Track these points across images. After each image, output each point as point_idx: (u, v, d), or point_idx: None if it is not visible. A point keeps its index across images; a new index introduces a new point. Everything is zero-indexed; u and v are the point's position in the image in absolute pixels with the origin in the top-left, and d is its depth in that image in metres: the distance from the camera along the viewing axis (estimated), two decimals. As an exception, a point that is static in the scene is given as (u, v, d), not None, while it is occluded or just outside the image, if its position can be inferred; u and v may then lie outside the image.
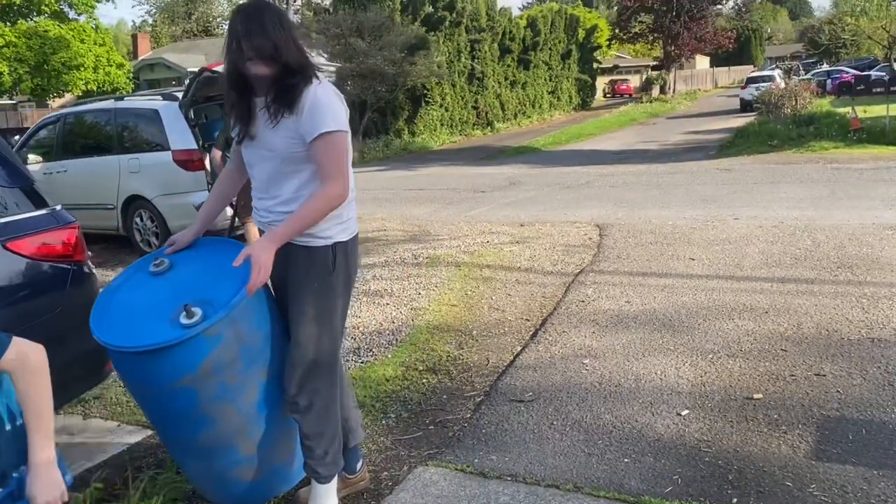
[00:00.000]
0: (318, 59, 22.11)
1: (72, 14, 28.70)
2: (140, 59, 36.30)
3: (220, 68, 6.95)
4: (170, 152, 7.20)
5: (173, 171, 7.20)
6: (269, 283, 2.70)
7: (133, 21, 48.55)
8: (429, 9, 23.87)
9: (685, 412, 3.38)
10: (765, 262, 5.85)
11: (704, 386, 3.66)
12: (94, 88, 25.67)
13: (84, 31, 26.99)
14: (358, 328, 4.92)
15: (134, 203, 7.61)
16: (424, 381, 3.99)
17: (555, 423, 3.37)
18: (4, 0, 24.64)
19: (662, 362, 3.99)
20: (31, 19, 26.70)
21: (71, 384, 3.22)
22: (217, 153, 6.38)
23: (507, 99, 29.71)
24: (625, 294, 5.26)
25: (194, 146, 7.12)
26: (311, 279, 2.51)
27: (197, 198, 6.94)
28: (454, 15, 24.72)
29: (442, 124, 24.98)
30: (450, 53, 25.07)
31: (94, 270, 3.44)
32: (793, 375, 3.71)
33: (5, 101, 32.36)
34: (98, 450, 3.42)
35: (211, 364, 2.36)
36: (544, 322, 4.81)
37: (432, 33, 23.33)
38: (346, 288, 2.66)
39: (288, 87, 2.35)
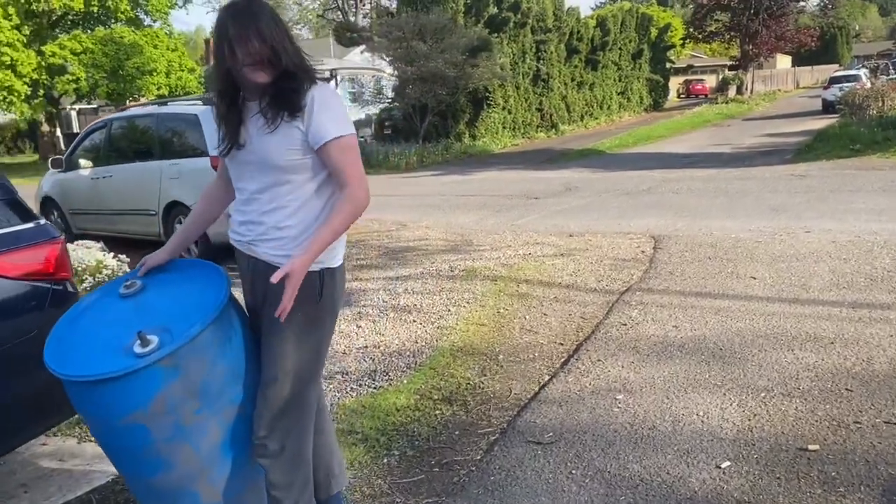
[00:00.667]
0: (379, 62, 22.07)
1: (147, 20, 29.58)
2: (212, 63, 37.10)
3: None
4: (209, 158, 7.05)
5: (212, 177, 7.04)
6: (245, 308, 2.44)
7: (211, 26, 49.55)
8: (493, 10, 23.46)
9: (726, 464, 2.93)
10: (835, 283, 5.25)
11: (752, 432, 3.19)
12: (167, 92, 26.29)
13: (157, 36, 27.69)
14: (379, 348, 4.60)
15: (175, 209, 7.51)
16: (438, 412, 3.64)
17: (574, 472, 2.97)
18: (85, 9, 25.46)
19: (706, 401, 3.52)
20: (109, 26, 27.56)
21: (50, 411, 3.00)
22: None
23: (574, 100, 29.02)
24: (673, 317, 4.78)
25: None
26: (294, 308, 2.19)
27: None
28: (519, 16, 24.23)
29: (504, 127, 24.52)
30: (514, 55, 24.60)
31: (76, 291, 3.22)
32: (857, 423, 3.20)
33: (84, 104, 33.59)
34: (83, 478, 3.20)
35: (164, 400, 2.09)
36: (579, 348, 4.39)
37: (496, 35, 22.91)
38: (331, 319, 2.37)
39: (288, 89, 2.12)
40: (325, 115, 2.13)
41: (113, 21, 27.69)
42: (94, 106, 34.98)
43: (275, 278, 2.05)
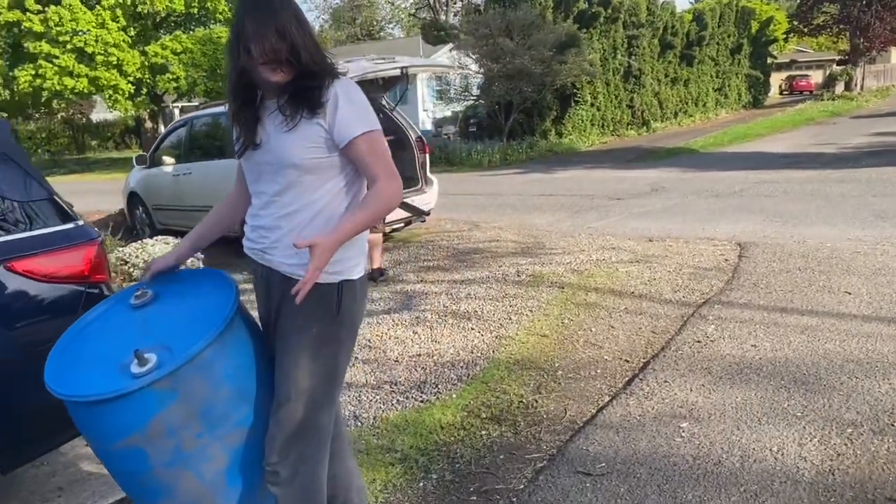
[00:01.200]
0: (465, 59, 21.88)
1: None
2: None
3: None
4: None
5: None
6: (259, 322, 2.29)
7: (317, 26, 50.92)
8: (582, 5, 22.87)
9: (800, 513, 2.58)
10: (944, 302, 4.70)
11: (834, 475, 2.81)
12: (261, 90, 26.95)
13: (253, 36, 28.44)
14: (432, 357, 4.41)
15: (248, 206, 7.54)
16: (484, 432, 3.41)
17: (623, 510, 2.68)
18: (186, 10, 26.41)
19: (783, 434, 3.14)
20: (208, 26, 28.50)
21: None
22: None
23: (667, 97, 28.00)
24: (753, 335, 4.37)
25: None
26: (309, 323, 2.06)
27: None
28: (610, 11, 23.54)
29: (592, 124, 23.89)
30: (604, 51, 23.93)
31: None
32: (963, 471, 2.77)
33: (186, 102, 34.96)
34: (107, 489, 3.14)
35: (162, 423, 1.95)
36: (645, 366, 4.05)
37: (585, 30, 22.32)
38: (350, 336, 2.18)
39: (307, 86, 1.98)
40: (349, 112, 1.99)
41: (212, 21, 28.62)
42: (196, 103, 36.40)
43: (300, 244, 1.88)
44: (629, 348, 4.36)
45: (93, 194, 15.16)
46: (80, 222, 3.04)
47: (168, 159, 8.79)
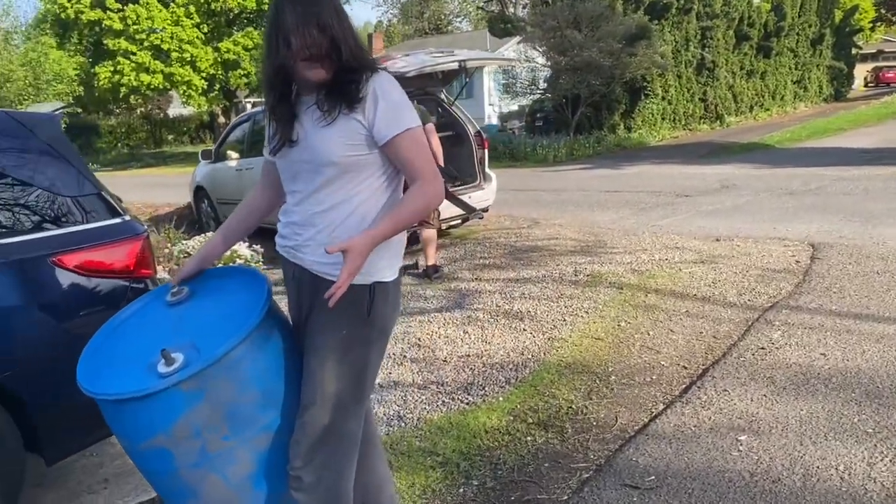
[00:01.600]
0: (532, 52, 21.62)
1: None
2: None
3: (385, 66, 6.70)
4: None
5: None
6: (290, 323, 2.23)
7: (380, 20, 51.32)
8: (654, -5, 22.30)
9: (866, 540, 2.38)
10: None
11: (906, 499, 2.59)
12: (329, 85, 27.32)
13: (322, 32, 28.85)
14: (481, 357, 4.31)
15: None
16: (530, 438, 3.29)
17: (671, 528, 2.53)
18: (257, 7, 26.97)
19: (850, 452, 2.93)
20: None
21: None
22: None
23: (742, 90, 27.02)
24: (823, 342, 4.11)
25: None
26: (339, 325, 1.99)
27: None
28: (682, 1, 22.86)
29: (663, 118, 23.26)
30: (676, 42, 23.25)
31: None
32: None
33: (257, 97, 35.73)
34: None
35: (188, 424, 1.93)
36: (704, 373, 3.86)
37: (656, 22, 21.72)
38: (381, 340, 2.10)
39: (346, 80, 1.92)
40: (389, 107, 1.93)
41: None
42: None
43: (331, 250, 1.82)
44: (688, 354, 4.16)
45: (164, 188, 15.63)
46: (127, 217, 3.07)
47: (232, 154, 8.93)
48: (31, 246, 2.67)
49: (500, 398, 3.72)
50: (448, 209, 7.32)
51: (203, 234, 7.33)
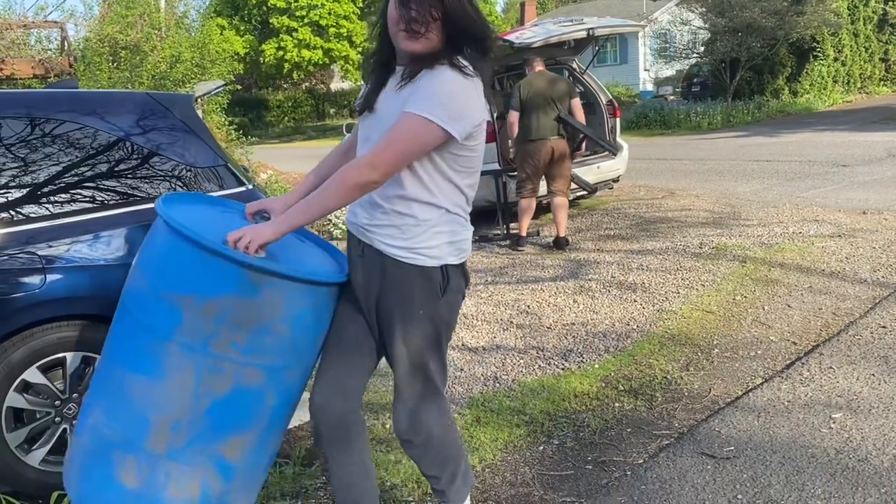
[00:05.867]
0: (688, 14, 20.63)
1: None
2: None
3: (512, 37, 6.77)
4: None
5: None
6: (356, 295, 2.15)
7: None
8: (829, -54, 20.51)
9: (947, 525, 2.29)
10: None
11: None
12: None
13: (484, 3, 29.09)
14: (586, 326, 4.38)
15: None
16: (617, 405, 3.37)
17: (739, 497, 2.54)
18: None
19: (954, 437, 2.77)
20: None
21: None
22: (513, 115, 6.17)
23: (932, 48, 24.39)
24: (956, 323, 3.83)
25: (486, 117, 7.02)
26: (415, 305, 2.03)
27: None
28: (863, -49, 20.92)
29: (835, 81, 21.50)
30: (853, -3, 21.36)
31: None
32: None
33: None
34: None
35: (219, 308, 1.88)
36: (813, 349, 3.72)
37: (830, -24, 20.05)
38: (453, 314, 2.15)
39: (424, 59, 1.89)
40: (422, 89, 1.86)
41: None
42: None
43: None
44: (801, 330, 4.02)
45: (319, 159, 16.52)
46: (251, 186, 3.42)
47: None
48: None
49: (596, 365, 3.80)
50: (577, 182, 7.36)
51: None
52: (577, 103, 6.10)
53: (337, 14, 25.52)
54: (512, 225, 6.64)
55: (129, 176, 3.14)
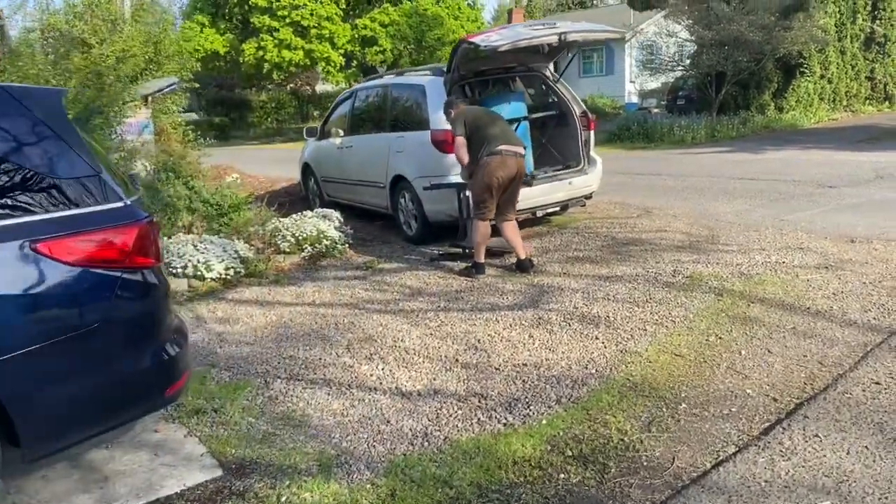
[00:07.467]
0: (674, 26, 20.23)
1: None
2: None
3: (477, 40, 6.23)
4: (429, 132, 6.68)
5: (432, 152, 6.67)
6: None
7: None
8: (817, -39, 20.16)
9: None
10: None
11: None
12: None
13: (459, 8, 28.55)
14: (539, 368, 3.83)
15: (400, 183, 7.29)
16: (563, 476, 2.81)
17: None
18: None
19: (969, 541, 2.23)
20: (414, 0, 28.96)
21: (111, 411, 2.79)
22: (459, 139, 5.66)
23: (919, 67, 24.14)
24: (960, 381, 3.31)
25: (452, 126, 6.47)
26: None
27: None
28: (851, -33, 20.60)
29: (821, 98, 21.15)
30: (840, 14, 21.02)
31: (162, 279, 2.95)
32: None
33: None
34: (157, 484, 2.96)
35: None
36: (797, 409, 3.19)
37: (818, -9, 19.71)
38: None
39: None
40: None
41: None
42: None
43: None
44: (783, 382, 3.48)
45: (294, 162, 15.94)
46: (128, 202, 2.84)
47: (335, 131, 8.80)
48: (9, 231, 2.49)
49: (544, 421, 3.25)
50: (546, 195, 6.83)
51: (300, 213, 7.21)
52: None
53: (319, 15, 24.88)
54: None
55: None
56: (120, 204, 2.81)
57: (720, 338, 4.07)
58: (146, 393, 2.87)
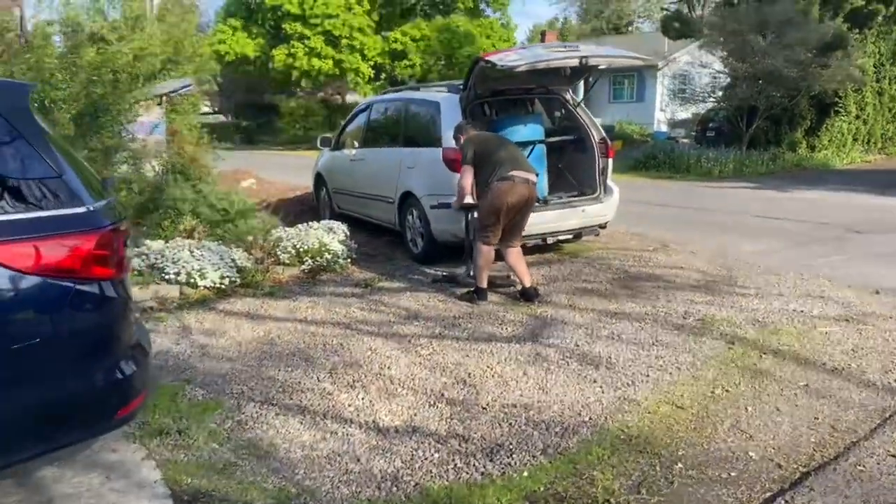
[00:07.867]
0: (708, 57, 19.92)
1: (488, 11, 30.58)
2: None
3: (495, 58, 6.03)
4: (441, 149, 6.48)
5: (442, 170, 6.45)
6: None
7: (556, 17, 50.16)
8: (858, 1, 19.74)
9: None
10: None
11: None
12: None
13: (492, 27, 28.49)
14: (529, 411, 3.58)
15: (409, 199, 7.09)
16: (537, 539, 2.55)
17: None
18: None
19: None
20: (448, 16, 28.97)
21: (54, 432, 2.58)
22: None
23: (958, 113, 23.56)
24: None
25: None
26: None
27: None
28: (892, 9, 20.12)
29: (855, 139, 20.66)
30: (880, 55, 20.55)
31: (122, 292, 2.75)
32: None
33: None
34: (103, 511, 2.75)
35: None
36: (802, 479, 2.91)
37: (857, 31, 19.27)
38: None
39: None
40: None
41: (454, 10, 28.99)
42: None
43: None
44: (790, 446, 3.20)
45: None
46: (92, 207, 2.64)
47: (350, 143, 8.65)
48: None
49: (525, 472, 2.99)
50: (558, 221, 6.59)
51: (306, 224, 7.03)
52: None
53: (351, 26, 24.95)
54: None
55: None
56: (81, 209, 2.61)
57: (727, 390, 3.79)
58: (95, 414, 2.66)
